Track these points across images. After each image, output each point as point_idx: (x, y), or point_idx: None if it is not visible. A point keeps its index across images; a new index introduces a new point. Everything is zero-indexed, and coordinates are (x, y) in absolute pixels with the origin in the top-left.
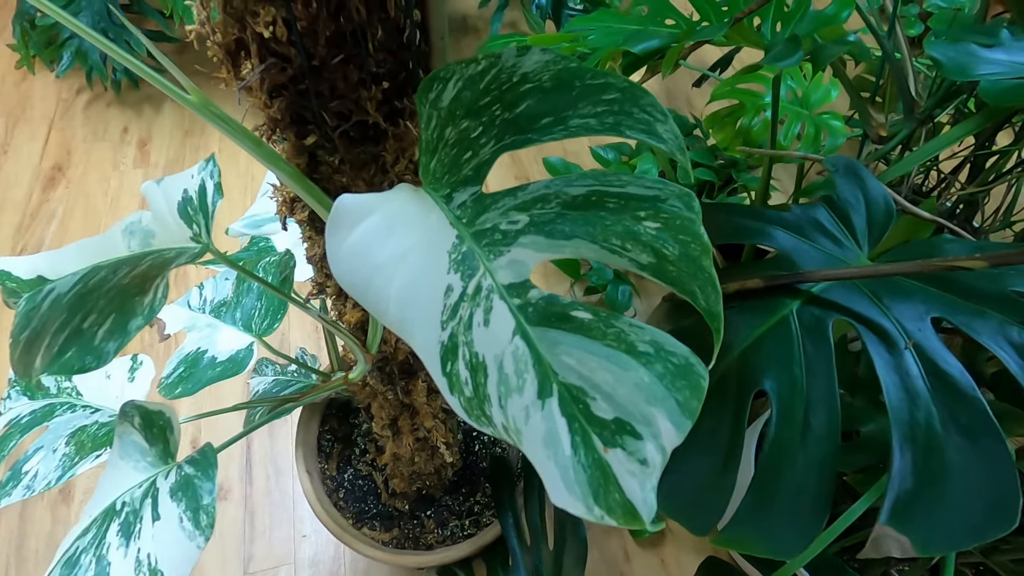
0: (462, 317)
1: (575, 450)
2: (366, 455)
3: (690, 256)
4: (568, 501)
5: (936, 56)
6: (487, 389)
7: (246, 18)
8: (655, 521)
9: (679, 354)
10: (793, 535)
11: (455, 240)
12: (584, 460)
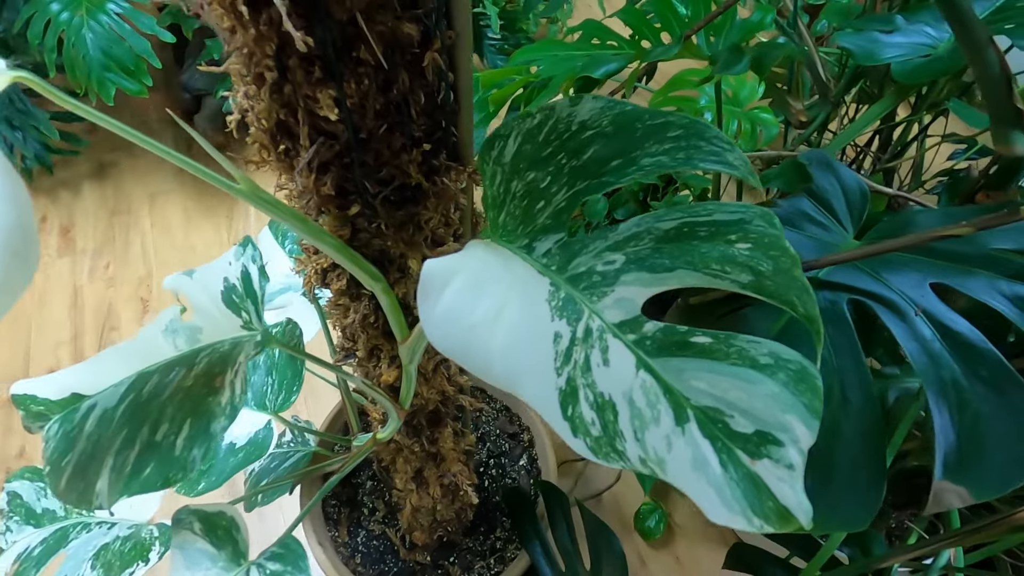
0: (577, 361)
1: (724, 468)
2: (375, 514)
3: (782, 269)
4: (728, 517)
5: (847, 46)
6: (619, 426)
7: (297, 102)
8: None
9: (794, 360)
10: (857, 507)
11: (550, 288)
12: (735, 475)
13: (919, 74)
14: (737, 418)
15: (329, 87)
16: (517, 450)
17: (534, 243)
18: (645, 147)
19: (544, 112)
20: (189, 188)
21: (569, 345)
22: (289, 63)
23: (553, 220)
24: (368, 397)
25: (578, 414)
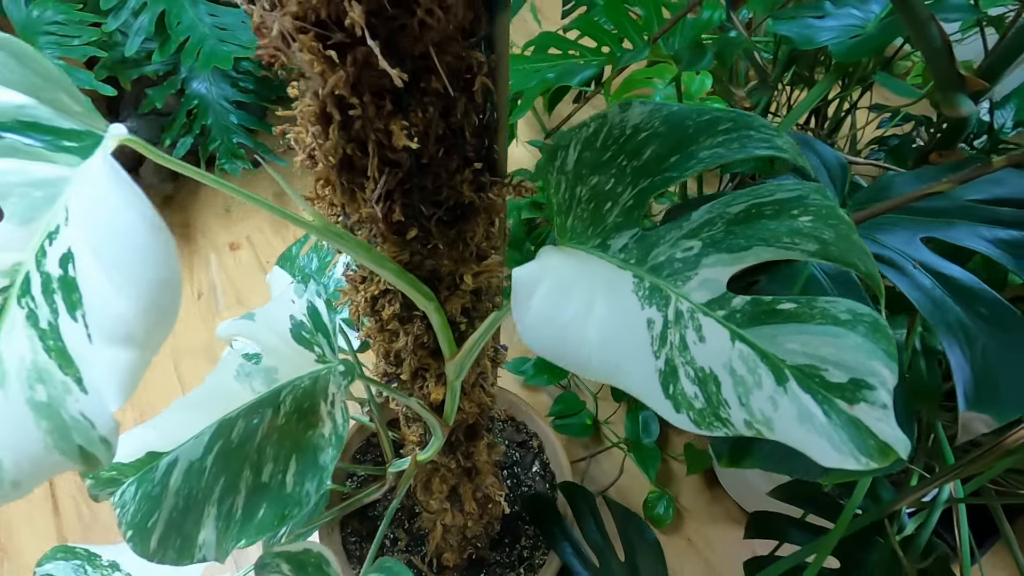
0: (673, 342)
1: (828, 416)
2: (398, 543)
3: (842, 235)
4: (839, 460)
5: (786, 33)
6: (722, 395)
7: (367, 135)
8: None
9: (868, 314)
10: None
11: (634, 279)
12: (838, 422)
13: (855, 52)
14: (831, 370)
15: (400, 118)
16: (528, 458)
17: (608, 241)
18: (700, 142)
19: (597, 121)
20: None
21: (663, 329)
22: (363, 99)
23: (624, 218)
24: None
25: (679, 391)
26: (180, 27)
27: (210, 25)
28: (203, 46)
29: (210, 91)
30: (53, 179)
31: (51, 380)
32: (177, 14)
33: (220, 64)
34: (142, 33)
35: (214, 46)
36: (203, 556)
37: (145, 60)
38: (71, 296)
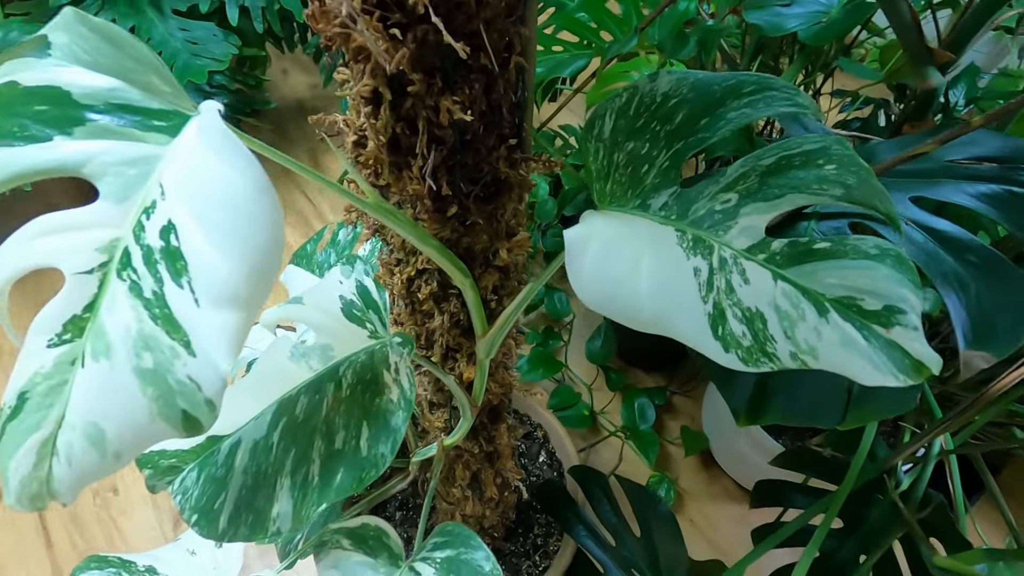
0: (719, 287)
1: (867, 340)
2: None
3: (863, 180)
4: (881, 378)
5: (756, 22)
6: (769, 331)
7: (417, 113)
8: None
9: (892, 248)
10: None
11: (676, 234)
12: (877, 345)
13: (822, 37)
14: (867, 299)
15: (450, 96)
16: (534, 448)
17: (647, 201)
18: (727, 104)
19: (629, 91)
20: None
21: (709, 275)
22: (414, 77)
23: (661, 179)
24: (426, 409)
25: (728, 331)
26: (151, 43)
27: (182, 40)
28: (176, 61)
29: None
30: (146, 157)
31: (158, 346)
32: (147, 30)
33: (195, 78)
34: None
35: (187, 60)
36: (277, 528)
37: None
38: (175, 265)
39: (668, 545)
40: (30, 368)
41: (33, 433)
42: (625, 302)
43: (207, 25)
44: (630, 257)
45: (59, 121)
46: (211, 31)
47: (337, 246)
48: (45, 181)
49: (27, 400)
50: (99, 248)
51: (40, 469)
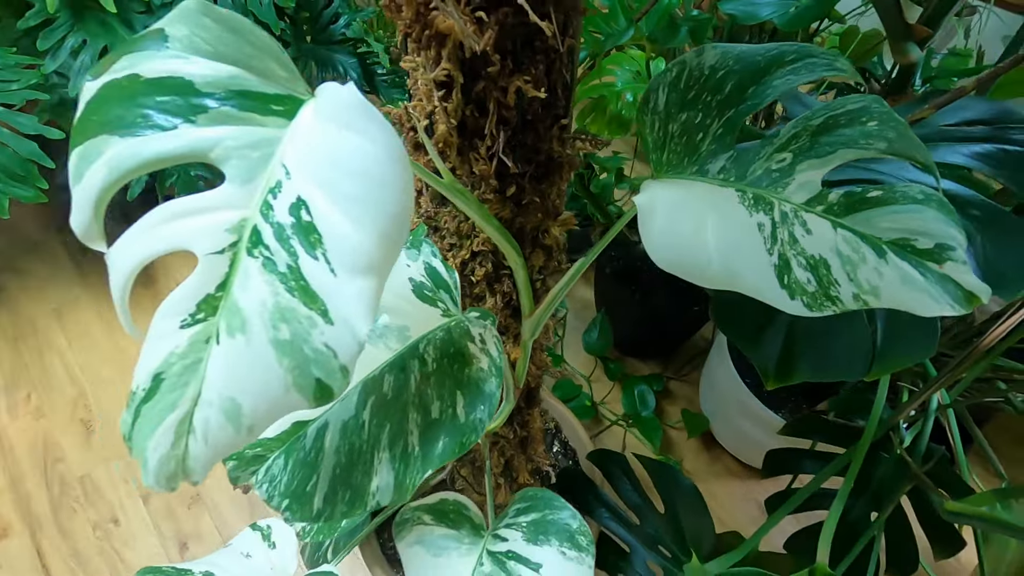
0: (782, 239)
1: (924, 276)
2: None
3: (902, 134)
4: (939, 309)
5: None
6: (832, 275)
7: (490, 95)
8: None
9: (934, 192)
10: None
11: (737, 194)
12: (932, 279)
13: (796, 22)
14: (920, 239)
15: (519, 77)
16: (547, 438)
17: (705, 167)
18: (772, 72)
19: (678, 66)
20: (99, 292)
21: (772, 229)
22: (495, 58)
23: (716, 144)
24: None
25: (793, 279)
26: None
27: None
28: None
29: None
30: (267, 139)
31: (295, 317)
32: None
33: None
34: (85, 72)
35: None
36: (376, 502)
37: None
38: (309, 238)
39: (693, 518)
40: (164, 349)
41: (170, 412)
42: (694, 260)
43: None
44: (695, 218)
45: (183, 109)
46: None
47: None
48: (19, 211)
49: (162, 381)
50: (228, 229)
51: (177, 448)
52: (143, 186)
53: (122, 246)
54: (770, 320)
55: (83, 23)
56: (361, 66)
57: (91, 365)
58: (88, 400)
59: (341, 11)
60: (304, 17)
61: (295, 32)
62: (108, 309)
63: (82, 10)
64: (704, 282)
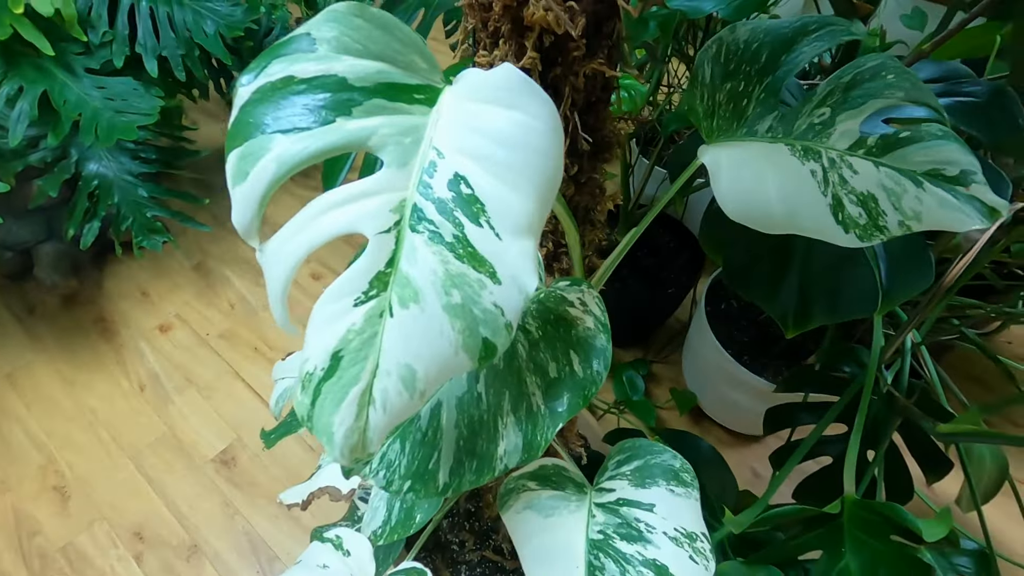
0: (833, 181)
1: (956, 198)
2: (465, 546)
3: (915, 84)
4: (970, 223)
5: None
6: (880, 207)
7: (566, 78)
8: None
9: (947, 130)
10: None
11: (787, 147)
12: (962, 199)
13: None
14: (948, 168)
15: (595, 60)
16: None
17: (754, 127)
18: (800, 41)
19: (716, 43)
20: (54, 351)
21: (824, 174)
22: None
23: (761, 107)
24: None
25: (847, 215)
26: (68, 105)
27: (100, 98)
28: (99, 121)
29: (110, 168)
30: (415, 126)
31: (465, 282)
32: (61, 92)
33: (124, 136)
34: (24, 120)
35: (112, 119)
36: (505, 465)
37: (29, 149)
38: (472, 208)
39: (716, 479)
40: (339, 328)
41: (353, 385)
42: (759, 209)
43: (125, 80)
44: (754, 173)
45: (339, 104)
46: (131, 85)
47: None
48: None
49: (342, 357)
50: (392, 209)
51: (360, 419)
52: (95, 234)
53: (282, 240)
54: (783, 274)
55: (18, 69)
56: None
57: (56, 428)
58: (58, 465)
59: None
60: (248, 47)
61: (240, 64)
62: (66, 366)
63: (15, 56)
64: (769, 228)
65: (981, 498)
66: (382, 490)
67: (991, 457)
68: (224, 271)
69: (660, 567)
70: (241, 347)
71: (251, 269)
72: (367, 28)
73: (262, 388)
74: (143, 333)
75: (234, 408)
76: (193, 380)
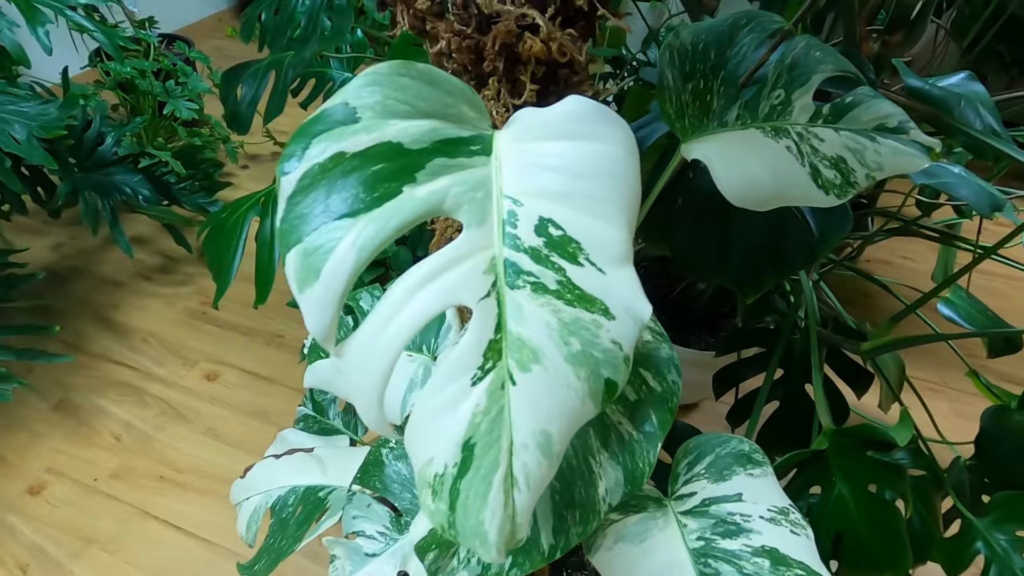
0: (806, 152)
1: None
2: None
3: (836, 56)
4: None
5: None
6: (850, 166)
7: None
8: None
9: (871, 90)
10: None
11: (759, 131)
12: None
13: None
14: (889, 120)
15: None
16: None
17: (723, 119)
18: (737, 35)
19: (667, 49)
20: None
21: (797, 148)
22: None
23: (726, 100)
24: None
25: (824, 179)
26: None
27: None
28: None
29: None
30: (481, 179)
31: (582, 326)
32: None
33: None
34: None
35: None
36: (609, 504)
37: None
38: (567, 249)
39: None
40: (462, 415)
41: (495, 472)
42: (754, 190)
43: None
44: (740, 159)
45: (400, 173)
46: None
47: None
48: None
49: (474, 445)
50: (484, 271)
51: (508, 507)
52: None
53: (372, 333)
54: (728, 248)
55: None
56: (150, 181)
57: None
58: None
59: (104, 130)
60: (67, 145)
61: (62, 164)
62: None
63: None
64: (763, 205)
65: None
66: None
67: (893, 361)
68: (96, 401)
69: (771, 551)
70: (142, 481)
71: (131, 391)
72: (415, 86)
73: (183, 519)
74: (8, 504)
75: (153, 554)
76: (92, 538)
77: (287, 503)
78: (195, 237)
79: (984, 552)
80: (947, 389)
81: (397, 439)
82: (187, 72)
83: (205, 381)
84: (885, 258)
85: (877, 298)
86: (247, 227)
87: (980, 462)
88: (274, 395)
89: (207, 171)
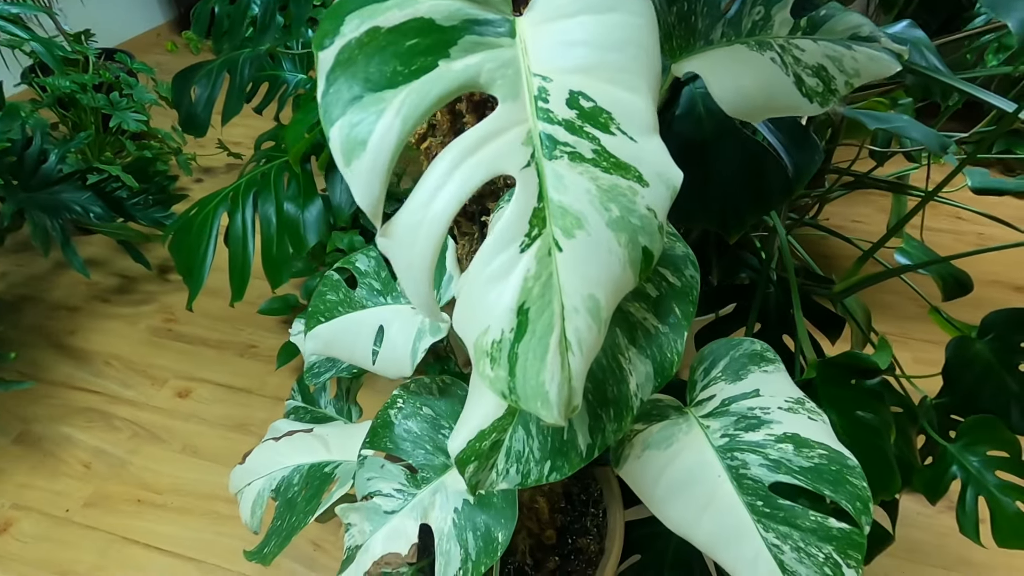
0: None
1: (877, 50)
2: None
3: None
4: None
5: None
6: (830, 73)
7: None
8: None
9: (839, 5)
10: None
11: (744, 46)
12: (880, 49)
13: None
14: (861, 29)
15: None
16: None
17: (709, 37)
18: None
19: None
20: None
21: (781, 59)
22: None
23: (709, 19)
24: None
25: (808, 87)
26: None
27: None
28: None
29: None
30: (509, 58)
31: (618, 192)
32: None
33: None
34: None
35: None
36: (641, 399)
37: None
38: (599, 119)
39: None
40: (514, 281)
41: (551, 335)
42: (747, 101)
43: None
44: (731, 72)
45: (436, 48)
46: None
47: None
48: None
49: (528, 310)
50: (523, 142)
51: (565, 369)
52: None
53: (418, 206)
54: (705, 191)
55: None
56: (100, 197)
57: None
58: None
59: (47, 147)
60: (9, 164)
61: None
62: None
63: None
64: (755, 117)
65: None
66: (516, 487)
67: (858, 307)
68: (60, 430)
69: (793, 436)
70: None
71: (98, 416)
72: None
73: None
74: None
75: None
76: (71, 570)
77: (292, 483)
78: (152, 254)
79: (959, 475)
80: (908, 340)
81: (404, 397)
82: (131, 84)
83: (177, 399)
84: (838, 223)
85: (837, 259)
86: (217, 224)
87: (948, 391)
88: (252, 406)
89: (160, 184)
